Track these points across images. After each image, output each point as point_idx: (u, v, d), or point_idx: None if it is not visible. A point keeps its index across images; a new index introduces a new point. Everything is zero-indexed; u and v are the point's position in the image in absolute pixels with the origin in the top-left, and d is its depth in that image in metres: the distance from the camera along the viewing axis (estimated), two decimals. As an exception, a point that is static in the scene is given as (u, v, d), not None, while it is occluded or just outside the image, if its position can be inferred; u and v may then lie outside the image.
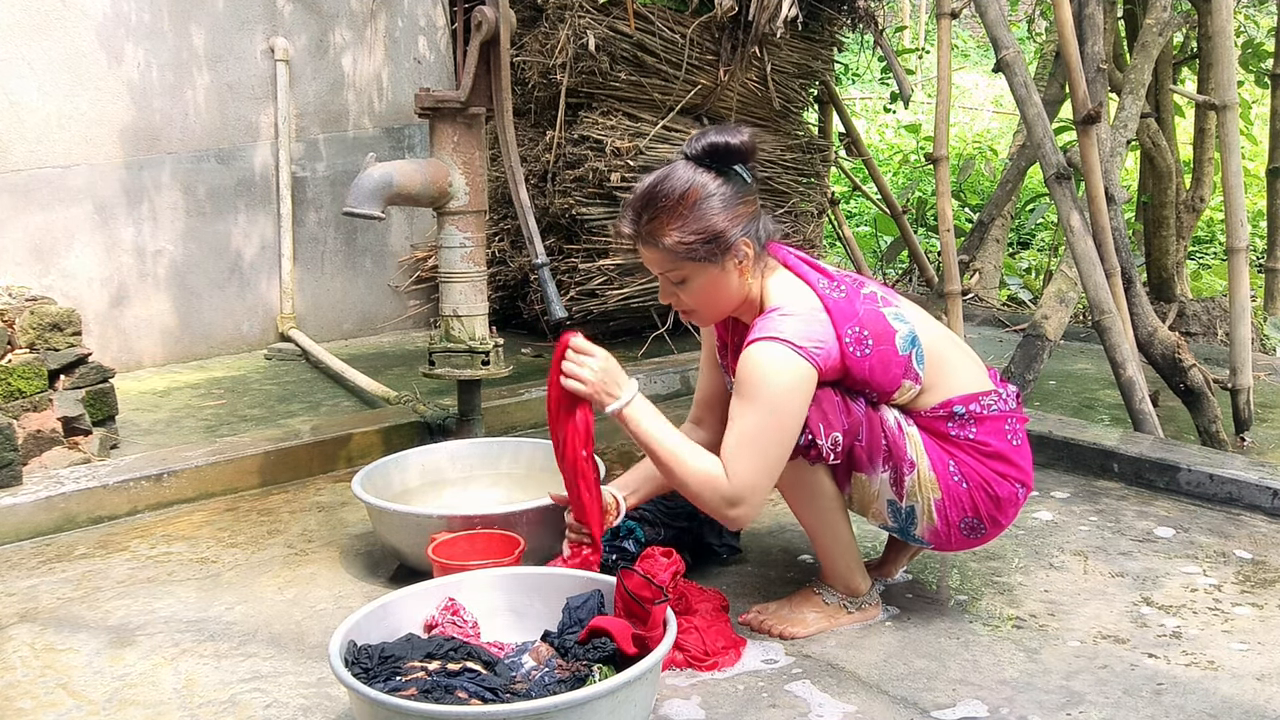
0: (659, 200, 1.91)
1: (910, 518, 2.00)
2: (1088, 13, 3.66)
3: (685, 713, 1.81)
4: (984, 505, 1.99)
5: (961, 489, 1.98)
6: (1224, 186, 3.63)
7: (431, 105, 2.79)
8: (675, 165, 1.95)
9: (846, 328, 1.92)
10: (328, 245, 4.76)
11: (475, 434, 3.06)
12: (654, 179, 1.95)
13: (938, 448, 1.99)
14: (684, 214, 1.90)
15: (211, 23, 4.29)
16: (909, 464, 1.96)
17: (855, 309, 1.95)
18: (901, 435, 1.97)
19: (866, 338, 1.93)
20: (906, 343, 1.97)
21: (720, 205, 1.91)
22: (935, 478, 1.97)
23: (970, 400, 2.00)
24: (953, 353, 2.05)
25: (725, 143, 1.92)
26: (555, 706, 1.54)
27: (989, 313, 5.41)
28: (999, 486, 1.99)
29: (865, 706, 1.82)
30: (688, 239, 1.90)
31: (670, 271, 1.96)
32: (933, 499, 1.98)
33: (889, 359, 1.94)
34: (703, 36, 4.29)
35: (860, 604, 2.12)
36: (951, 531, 2.01)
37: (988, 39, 3.69)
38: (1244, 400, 3.50)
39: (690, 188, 1.91)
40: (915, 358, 1.97)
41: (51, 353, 2.93)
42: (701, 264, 1.92)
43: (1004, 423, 2.02)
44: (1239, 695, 1.85)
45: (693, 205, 1.90)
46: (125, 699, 1.88)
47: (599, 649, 1.79)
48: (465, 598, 1.97)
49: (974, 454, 1.99)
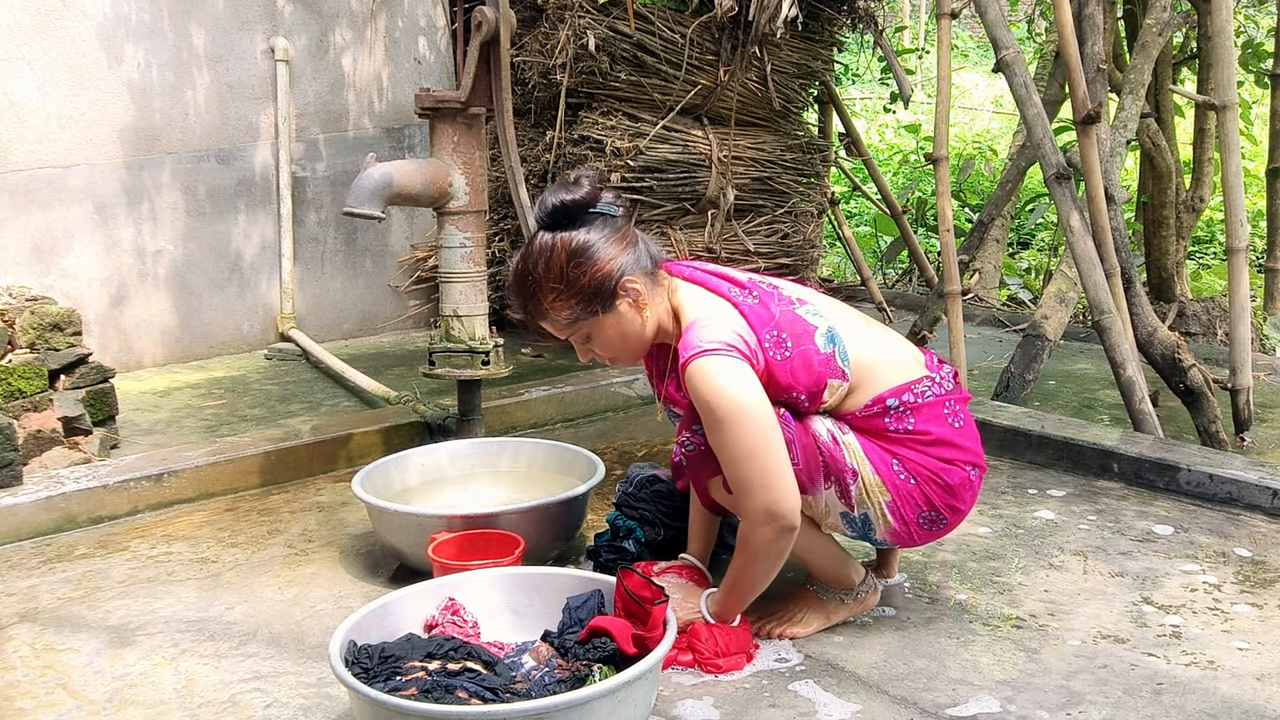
0: (529, 279, 1.93)
1: (866, 525, 1.98)
2: (1087, 13, 3.66)
3: (699, 712, 1.81)
4: (937, 496, 1.96)
5: (910, 485, 1.95)
6: (1224, 186, 3.63)
7: (431, 105, 2.79)
8: (534, 238, 1.95)
9: (765, 332, 1.90)
10: (328, 245, 4.76)
11: (475, 434, 3.06)
12: (519, 258, 1.96)
13: (877, 448, 1.95)
14: (557, 283, 1.90)
15: (211, 23, 4.29)
16: (851, 473, 1.93)
17: (771, 312, 1.93)
18: (838, 446, 1.93)
19: (785, 340, 1.90)
20: (827, 340, 1.93)
21: (590, 257, 1.89)
22: (880, 480, 1.94)
23: (902, 391, 1.95)
24: (879, 346, 2.01)
25: (564, 201, 1.91)
26: (555, 706, 1.54)
27: (989, 313, 5.41)
28: (948, 474, 1.95)
29: (868, 706, 1.82)
30: (570, 304, 1.91)
31: (572, 335, 1.98)
32: (883, 502, 1.95)
33: (809, 358, 1.91)
34: (703, 36, 4.29)
35: (855, 595, 2.11)
36: (911, 529, 1.98)
37: (988, 39, 3.70)
38: (1244, 400, 3.50)
39: (554, 254, 1.90)
40: (839, 355, 1.93)
41: (52, 353, 2.93)
42: (596, 319, 1.93)
43: (942, 407, 1.97)
44: (1239, 695, 1.85)
45: (561, 271, 1.89)
46: (125, 699, 1.88)
47: (599, 649, 1.79)
48: (465, 598, 1.97)
49: (915, 447, 1.95)
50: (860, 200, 8.03)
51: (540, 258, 1.91)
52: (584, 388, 3.71)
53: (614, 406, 3.75)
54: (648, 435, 3.47)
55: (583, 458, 2.62)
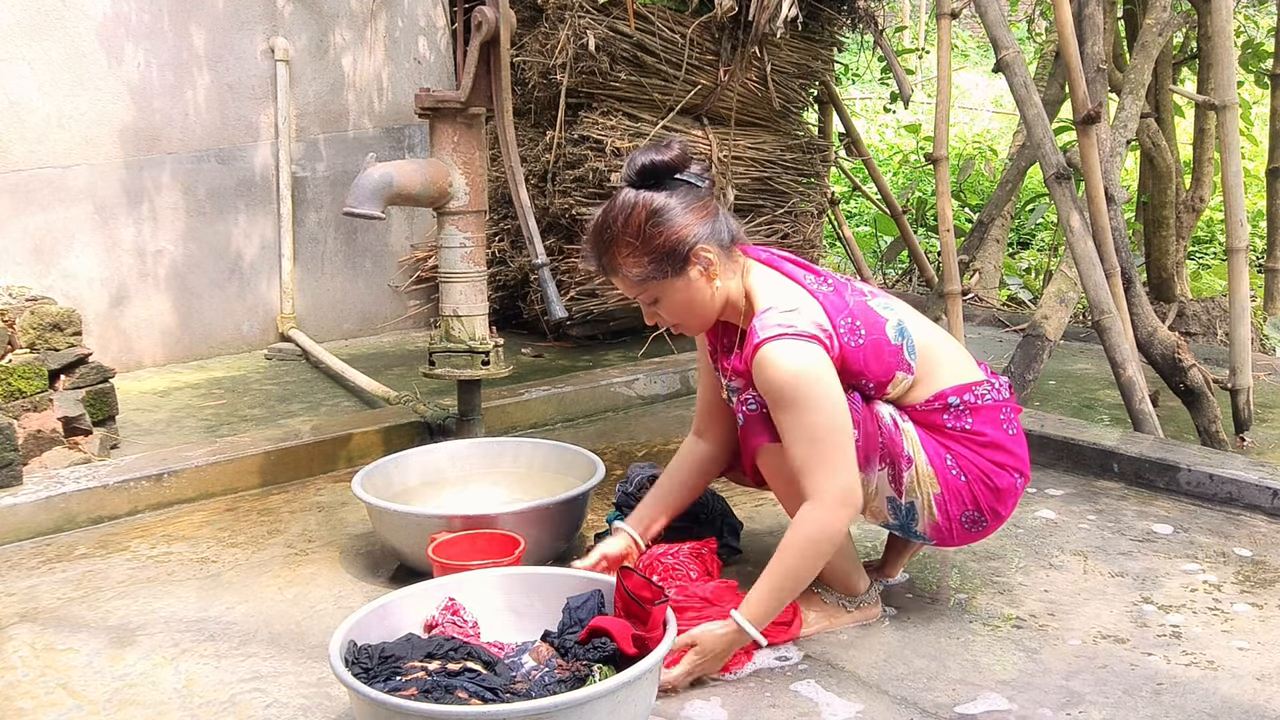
0: (607, 231, 1.94)
1: (910, 514, 2.00)
2: (1087, 13, 3.66)
3: (707, 713, 1.81)
4: (984, 497, 2.00)
5: (960, 482, 1.98)
6: (1224, 186, 3.63)
7: (431, 105, 2.79)
8: (618, 193, 1.96)
9: (840, 318, 1.94)
10: (328, 245, 4.76)
11: (475, 434, 3.06)
12: (601, 211, 1.97)
13: (934, 441, 1.99)
14: (633, 239, 1.91)
15: (211, 23, 4.29)
16: (906, 460, 1.97)
17: (845, 300, 1.97)
18: (898, 431, 1.97)
19: (859, 327, 1.94)
20: (896, 332, 1.98)
21: (668, 220, 1.91)
22: (933, 472, 1.97)
23: (964, 390, 2.00)
24: (942, 344, 2.06)
25: (654, 161, 1.92)
26: (555, 706, 1.54)
27: (989, 313, 5.41)
28: (998, 477, 2.00)
29: (869, 706, 1.82)
30: (643, 262, 1.92)
31: (640, 295, 1.98)
32: (932, 494, 1.98)
33: (881, 347, 1.95)
34: (703, 36, 4.29)
35: (859, 603, 2.12)
36: (953, 525, 2.01)
37: (988, 39, 3.69)
38: (1244, 400, 3.50)
39: (634, 211, 1.91)
40: (906, 348, 1.98)
41: (52, 353, 2.93)
42: (666, 281, 1.94)
43: (999, 412, 2.02)
44: (1239, 695, 1.85)
45: (639, 228, 1.91)
46: (125, 699, 1.88)
47: (599, 649, 1.79)
48: (465, 598, 1.97)
49: (971, 445, 2.00)
50: (860, 200, 8.03)
51: (621, 213, 1.93)
52: (584, 388, 3.71)
53: (614, 406, 3.75)
54: (648, 435, 3.47)
55: (583, 458, 2.62)
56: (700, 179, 1.96)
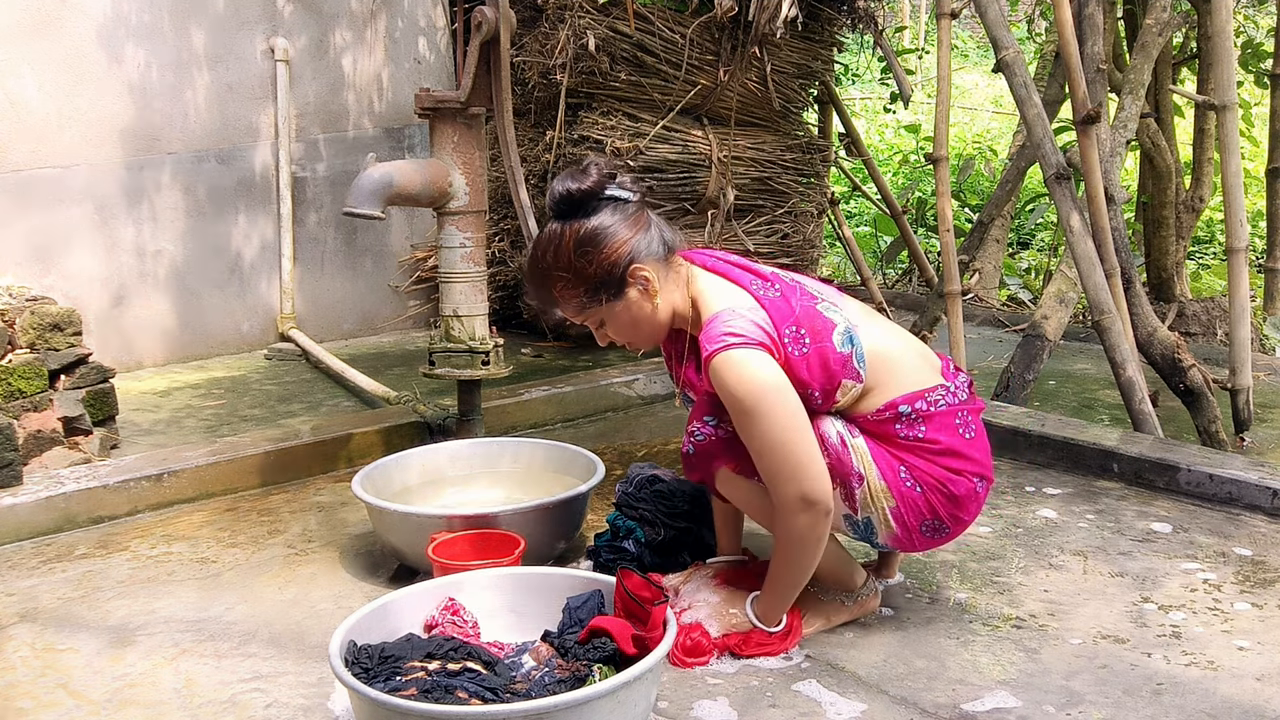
0: (539, 267, 1.94)
1: (869, 528, 1.98)
2: (1087, 13, 3.66)
3: (716, 713, 1.81)
4: (941, 506, 1.95)
5: (916, 493, 1.94)
6: (1224, 187, 3.63)
7: (431, 105, 2.79)
8: (544, 227, 1.95)
9: (785, 327, 1.89)
10: (328, 245, 4.76)
11: (475, 434, 3.06)
12: (531, 248, 1.97)
13: (886, 454, 1.94)
14: (565, 272, 1.91)
15: (211, 23, 4.29)
16: (857, 477, 1.92)
17: (791, 307, 1.92)
18: (845, 449, 1.92)
19: (804, 336, 1.90)
20: (844, 339, 1.92)
21: (597, 245, 1.89)
22: (886, 486, 1.93)
23: (915, 399, 1.94)
24: (896, 350, 1.99)
25: (569, 189, 1.90)
26: (555, 706, 1.54)
27: (989, 313, 5.41)
28: (954, 485, 1.94)
29: (870, 707, 1.82)
30: (579, 292, 1.92)
31: (585, 321, 1.98)
32: (887, 508, 1.94)
33: (826, 356, 1.90)
34: (703, 37, 4.29)
35: (856, 597, 2.11)
36: (913, 535, 1.98)
37: (988, 39, 3.70)
38: (1243, 400, 3.50)
39: (561, 243, 1.90)
40: (855, 356, 1.92)
41: (52, 353, 2.93)
42: (605, 306, 1.93)
43: (954, 417, 1.96)
44: (1239, 695, 1.85)
45: (569, 260, 1.90)
46: (125, 699, 1.88)
47: (599, 649, 1.79)
48: (465, 598, 1.97)
49: (924, 455, 1.94)
50: (860, 200, 8.03)
51: (549, 247, 1.92)
52: (584, 388, 3.71)
53: (614, 406, 3.75)
54: (648, 435, 3.47)
55: (583, 458, 2.62)
56: (628, 191, 1.93)
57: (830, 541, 2.07)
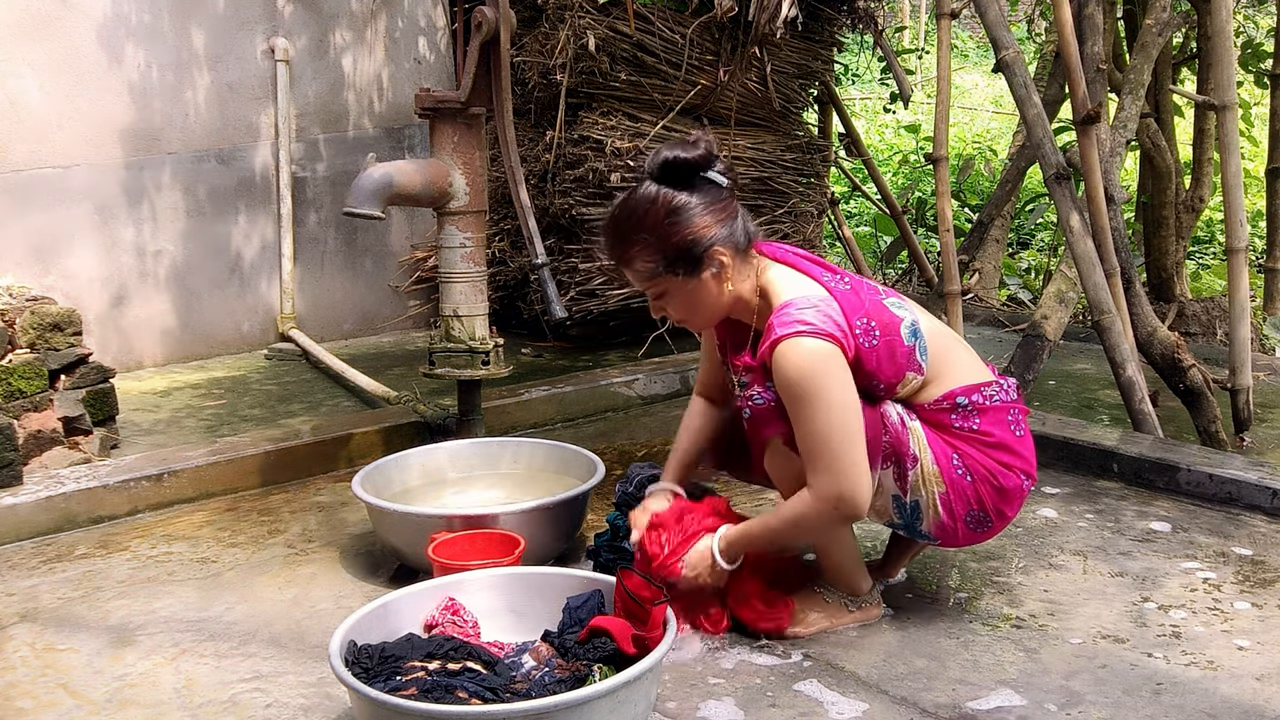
0: (625, 223, 1.94)
1: (915, 513, 2.00)
2: (1087, 13, 3.66)
3: (723, 713, 1.81)
4: (989, 497, 1.99)
5: (966, 482, 1.98)
6: (1223, 187, 3.63)
7: (431, 105, 2.79)
8: (639, 186, 1.95)
9: (856, 318, 1.93)
10: (328, 245, 4.76)
11: (475, 434, 3.06)
12: (620, 201, 1.97)
13: (941, 441, 1.99)
14: (649, 234, 1.91)
15: (211, 23, 4.29)
16: (911, 458, 1.96)
17: (861, 300, 1.96)
18: (904, 430, 1.97)
19: (874, 328, 1.94)
20: (910, 333, 1.98)
21: (687, 219, 1.91)
22: (939, 471, 1.97)
23: (973, 391, 2.00)
24: (953, 346, 2.06)
25: (677, 157, 1.92)
26: (555, 706, 1.54)
27: (989, 313, 5.40)
28: (1004, 478, 1.99)
29: (870, 707, 1.82)
30: (657, 259, 1.92)
31: (649, 289, 1.99)
32: (937, 492, 1.97)
33: (895, 348, 1.95)
34: (703, 37, 4.29)
35: (861, 603, 2.12)
36: (958, 525, 2.00)
37: (988, 39, 3.70)
38: (1243, 400, 3.50)
39: (654, 206, 1.91)
40: (919, 349, 1.98)
41: (52, 353, 2.93)
42: (677, 279, 1.94)
43: (1006, 413, 2.02)
44: (1239, 695, 1.85)
45: (657, 224, 1.91)
46: (125, 699, 1.88)
47: (599, 649, 1.79)
48: (465, 598, 1.97)
49: (978, 445, 1.99)
50: (860, 200, 8.03)
51: (641, 206, 1.93)
52: (584, 388, 3.71)
53: (614, 406, 3.75)
54: (648, 435, 3.47)
55: (583, 458, 2.62)
56: (723, 178, 1.96)
57: (848, 538, 2.08)
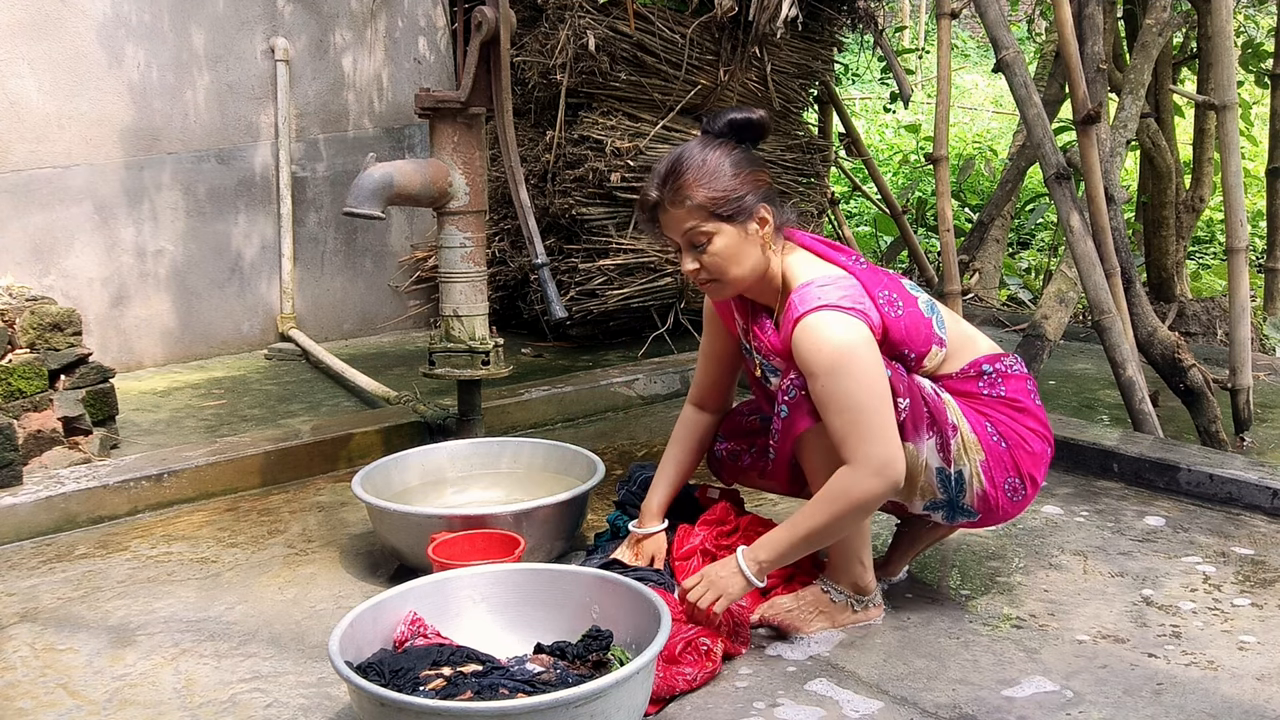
0: (685, 164, 1.99)
1: (960, 485, 2.02)
2: (1088, 13, 3.66)
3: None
4: (1024, 462, 2.04)
5: (1001, 448, 2.03)
6: (1224, 187, 3.63)
7: (431, 105, 2.79)
8: (695, 140, 2.03)
9: (878, 291, 1.99)
10: (328, 245, 4.76)
11: (475, 434, 3.05)
12: (677, 150, 2.03)
13: (972, 410, 2.04)
14: (711, 173, 1.97)
15: (211, 23, 4.29)
16: (952, 427, 2.00)
17: (880, 276, 2.03)
18: (939, 399, 2.01)
19: (896, 300, 2.00)
20: (928, 307, 2.06)
21: (746, 170, 1.99)
22: (977, 439, 2.02)
23: (995, 360, 2.08)
24: (963, 323, 2.16)
25: (745, 118, 2.01)
26: (607, 685, 1.56)
27: (989, 313, 5.40)
28: (1034, 442, 2.06)
29: (872, 706, 1.82)
30: (715, 194, 1.96)
31: (694, 231, 1.98)
32: (978, 460, 2.01)
33: (918, 320, 2.02)
34: (703, 36, 4.29)
35: (865, 603, 2.11)
36: (999, 494, 2.03)
37: (988, 39, 3.69)
38: (1244, 400, 3.50)
39: (719, 150, 1.99)
40: (936, 322, 2.05)
41: (52, 353, 2.93)
42: (727, 222, 1.97)
43: (1026, 382, 2.10)
44: (1239, 695, 1.85)
45: (718, 165, 1.97)
46: (125, 699, 1.88)
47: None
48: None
49: (1007, 411, 2.06)
50: (860, 200, 8.03)
51: (707, 148, 2.00)
52: (584, 388, 3.71)
53: (614, 406, 3.75)
54: (648, 435, 3.47)
55: (583, 458, 2.62)
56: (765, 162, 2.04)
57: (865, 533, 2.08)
